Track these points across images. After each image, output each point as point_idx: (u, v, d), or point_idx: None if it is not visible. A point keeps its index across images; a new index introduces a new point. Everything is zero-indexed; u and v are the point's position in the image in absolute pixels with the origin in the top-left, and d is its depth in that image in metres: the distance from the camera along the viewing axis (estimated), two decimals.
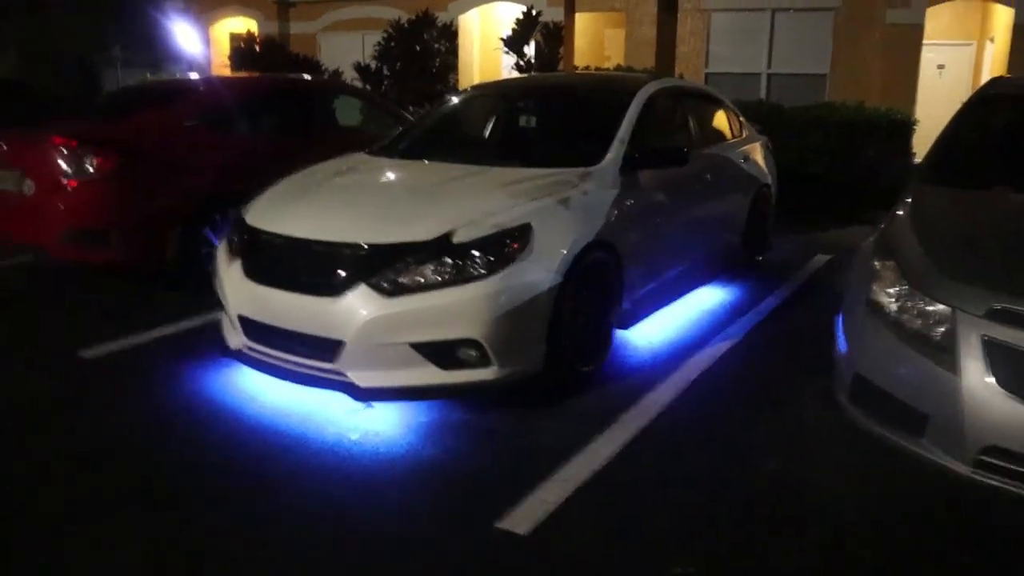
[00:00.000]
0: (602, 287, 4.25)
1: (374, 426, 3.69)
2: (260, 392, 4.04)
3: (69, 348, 4.70)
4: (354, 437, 3.59)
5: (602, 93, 5.50)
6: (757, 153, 6.67)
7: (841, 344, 3.28)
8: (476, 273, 3.59)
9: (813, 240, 7.91)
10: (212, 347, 4.37)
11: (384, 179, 4.61)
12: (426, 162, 4.81)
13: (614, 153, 4.53)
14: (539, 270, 3.73)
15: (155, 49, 24.89)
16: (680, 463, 3.40)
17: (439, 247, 3.61)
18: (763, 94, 12.39)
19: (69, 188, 5.34)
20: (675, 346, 4.76)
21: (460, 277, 3.58)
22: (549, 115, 5.63)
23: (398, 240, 3.65)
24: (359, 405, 3.79)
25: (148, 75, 23.53)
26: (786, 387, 4.21)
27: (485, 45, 15.68)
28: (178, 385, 4.18)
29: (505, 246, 3.67)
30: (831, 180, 8.94)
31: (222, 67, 16.05)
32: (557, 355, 3.86)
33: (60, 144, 5.35)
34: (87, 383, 4.31)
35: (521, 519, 2.93)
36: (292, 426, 3.70)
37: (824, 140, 9.08)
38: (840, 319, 3.35)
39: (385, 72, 13.52)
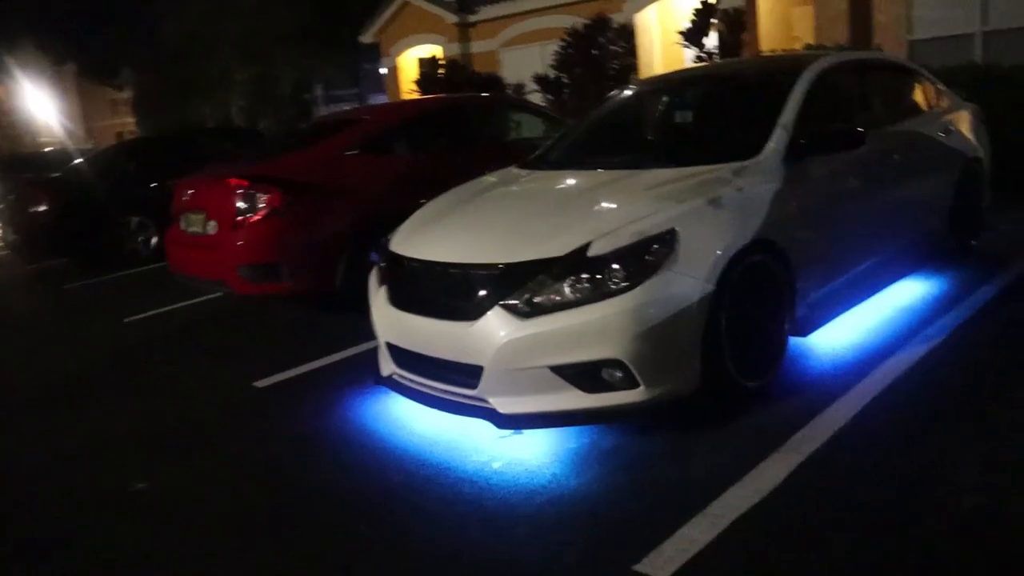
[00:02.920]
0: (768, 293, 3.82)
1: (520, 454, 3.51)
2: (411, 420, 3.98)
3: (245, 378, 4.93)
4: (496, 466, 3.42)
5: (764, 77, 5.00)
6: (963, 123, 5.86)
7: None
8: (615, 287, 3.32)
9: None
10: (370, 375, 4.39)
11: (526, 193, 4.43)
12: (572, 171, 4.58)
13: (775, 142, 4.07)
14: (687, 279, 3.39)
15: (356, 84, 26.61)
16: (854, 497, 2.92)
17: (574, 262, 3.37)
18: (979, 56, 11.02)
19: (243, 226, 5.62)
20: (862, 352, 4.21)
21: (598, 293, 3.32)
22: (706, 107, 5.21)
23: (531, 257, 3.45)
24: (506, 432, 3.62)
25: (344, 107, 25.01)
26: (994, 401, 3.57)
27: (666, 40, 15.18)
28: (334, 413, 4.23)
29: (646, 256, 3.37)
30: None
31: (411, 93, 16.66)
32: (716, 371, 3.50)
33: (234, 185, 5.65)
34: (253, 410, 4.53)
35: (662, 561, 2.62)
36: (436, 455, 3.60)
37: None
38: None
39: (564, 80, 13.44)
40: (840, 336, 4.43)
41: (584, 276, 3.35)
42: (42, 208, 9.93)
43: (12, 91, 44.38)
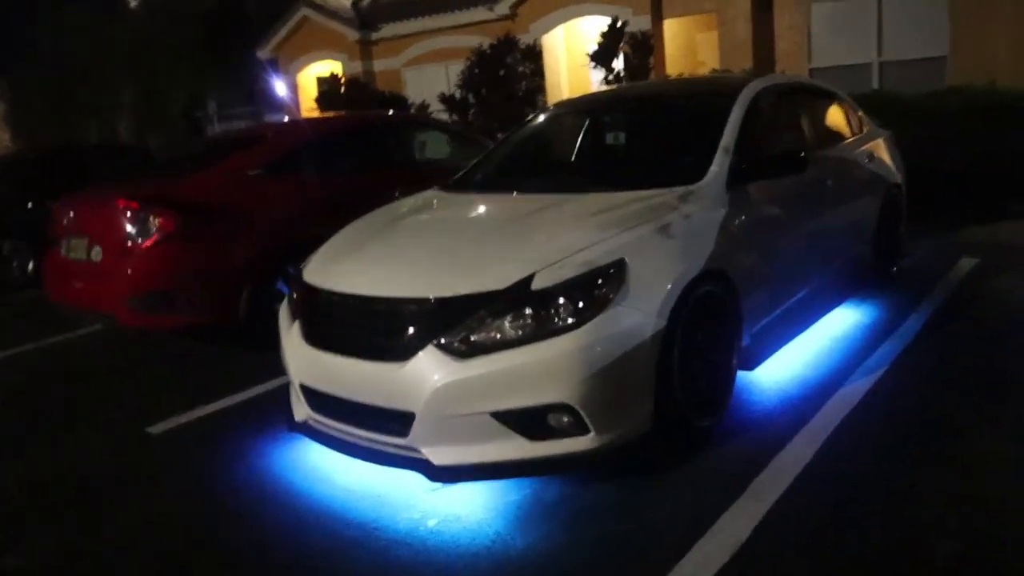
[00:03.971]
0: (717, 325, 3.59)
1: (456, 509, 3.15)
2: (332, 471, 3.56)
3: (136, 423, 4.39)
4: (432, 524, 3.05)
5: (699, 98, 4.83)
6: (882, 150, 5.87)
7: None
8: (563, 324, 3.01)
9: (955, 241, 6.98)
10: (281, 418, 3.94)
11: (454, 219, 4.10)
12: (503, 194, 4.28)
13: (718, 166, 3.88)
14: (639, 314, 3.11)
15: (251, 101, 25.73)
16: (827, 548, 2.70)
17: (517, 296, 3.05)
18: (876, 86, 11.37)
19: (133, 252, 5.06)
20: (808, 385, 4.04)
21: (544, 330, 3.01)
22: (641, 128, 5.00)
23: (468, 291, 3.10)
24: (437, 484, 3.25)
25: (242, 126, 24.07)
26: (950, 434, 3.44)
27: (572, 62, 15.16)
28: (242, 463, 3.76)
29: (595, 289, 3.08)
30: (967, 172, 7.96)
31: (311, 111, 16.10)
32: (668, 412, 3.24)
33: (123, 207, 5.09)
34: (147, 462, 3.98)
35: None
36: (363, 512, 3.19)
37: (954, 128, 8.11)
38: None
39: (471, 100, 13.20)
40: (782, 370, 4.26)
41: (528, 312, 3.04)
42: None
43: None
